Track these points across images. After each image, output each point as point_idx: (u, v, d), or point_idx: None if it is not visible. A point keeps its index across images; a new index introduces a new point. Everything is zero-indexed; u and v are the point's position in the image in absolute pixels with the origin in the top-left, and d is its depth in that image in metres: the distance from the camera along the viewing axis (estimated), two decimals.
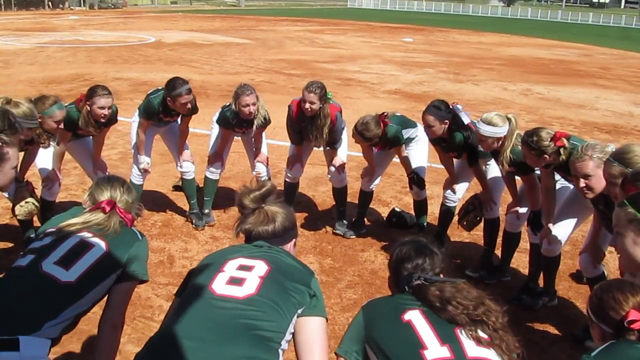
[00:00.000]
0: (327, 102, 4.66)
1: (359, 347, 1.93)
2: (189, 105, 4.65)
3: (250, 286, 1.90)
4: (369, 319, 1.97)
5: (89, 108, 4.32)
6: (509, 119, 3.85)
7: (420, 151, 4.86)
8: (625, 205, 2.01)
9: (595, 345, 1.81)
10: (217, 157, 5.16)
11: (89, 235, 2.25)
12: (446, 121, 4.20)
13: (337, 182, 5.14)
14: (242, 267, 1.97)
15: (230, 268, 1.98)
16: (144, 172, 4.99)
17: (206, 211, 5.21)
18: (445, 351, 1.76)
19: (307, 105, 4.61)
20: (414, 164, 4.80)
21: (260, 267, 1.97)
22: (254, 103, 4.69)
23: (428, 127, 4.26)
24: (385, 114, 4.63)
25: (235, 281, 1.92)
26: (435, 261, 2.03)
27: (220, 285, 1.91)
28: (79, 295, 2.11)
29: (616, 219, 2.06)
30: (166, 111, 4.70)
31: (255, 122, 4.80)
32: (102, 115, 4.34)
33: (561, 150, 3.50)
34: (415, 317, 1.87)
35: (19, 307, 2.02)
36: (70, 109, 4.32)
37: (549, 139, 3.51)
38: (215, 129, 5.15)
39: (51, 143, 4.28)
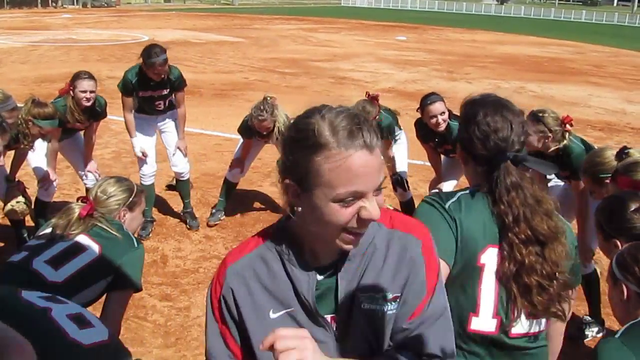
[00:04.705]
0: None
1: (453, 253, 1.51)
2: (163, 75, 4.65)
3: None
4: (465, 235, 1.50)
5: (72, 93, 4.30)
6: None
7: (402, 153, 4.95)
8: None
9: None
10: (238, 162, 5.12)
11: (85, 238, 2.24)
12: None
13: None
14: None
15: None
16: (143, 156, 4.87)
17: (213, 211, 5.20)
18: (492, 325, 1.53)
19: None
20: (398, 166, 4.85)
21: None
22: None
23: (440, 115, 4.10)
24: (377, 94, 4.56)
25: None
26: None
27: None
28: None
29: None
30: (142, 83, 4.65)
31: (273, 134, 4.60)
32: (85, 99, 4.30)
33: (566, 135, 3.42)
34: (490, 261, 1.50)
35: None
36: (57, 103, 4.31)
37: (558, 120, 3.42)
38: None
39: (48, 142, 4.28)
